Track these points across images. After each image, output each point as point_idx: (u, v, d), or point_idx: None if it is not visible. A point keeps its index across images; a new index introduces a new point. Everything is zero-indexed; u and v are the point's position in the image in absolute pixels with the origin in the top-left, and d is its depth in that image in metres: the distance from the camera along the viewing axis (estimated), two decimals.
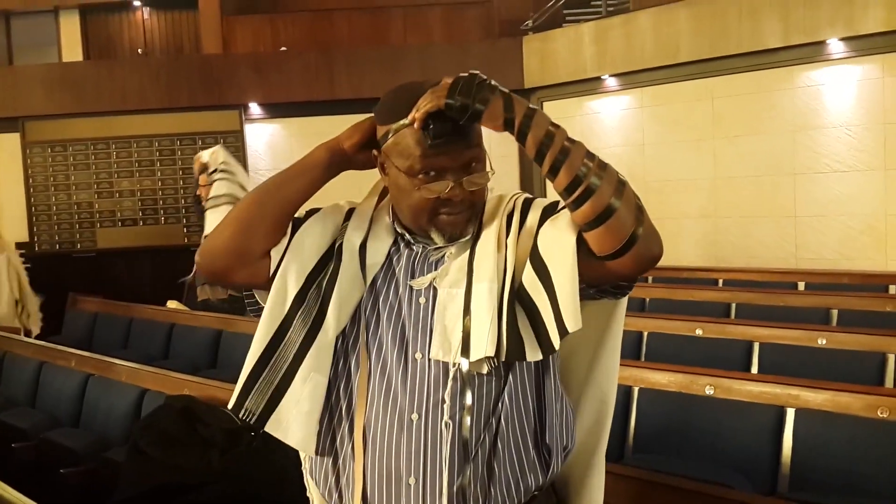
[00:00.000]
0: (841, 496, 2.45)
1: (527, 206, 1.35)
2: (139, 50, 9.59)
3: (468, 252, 1.32)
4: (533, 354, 1.25)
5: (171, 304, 5.63)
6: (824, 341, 3.48)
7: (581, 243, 1.21)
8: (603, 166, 1.20)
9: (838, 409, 2.57)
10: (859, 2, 5.87)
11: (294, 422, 1.32)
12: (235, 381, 3.64)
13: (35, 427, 3.71)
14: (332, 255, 1.36)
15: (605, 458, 1.48)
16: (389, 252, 1.38)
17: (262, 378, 1.33)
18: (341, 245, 1.36)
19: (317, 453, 1.37)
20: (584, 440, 1.45)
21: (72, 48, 9.35)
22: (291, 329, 1.33)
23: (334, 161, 1.38)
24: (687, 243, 7.00)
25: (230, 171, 5.53)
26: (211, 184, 5.49)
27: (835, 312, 4.40)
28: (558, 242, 1.23)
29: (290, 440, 1.32)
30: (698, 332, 3.86)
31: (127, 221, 7.70)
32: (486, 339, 1.24)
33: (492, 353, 1.24)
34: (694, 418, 2.81)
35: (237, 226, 1.35)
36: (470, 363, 1.25)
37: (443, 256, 1.34)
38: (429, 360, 1.28)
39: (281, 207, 1.36)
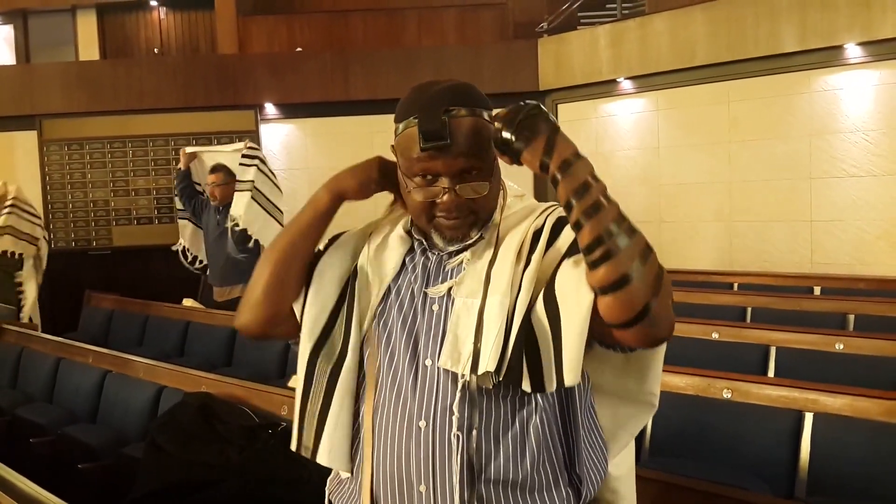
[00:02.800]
0: (859, 501, 2.45)
1: (560, 226, 1.31)
2: (155, 49, 9.64)
3: (487, 261, 1.31)
4: (526, 386, 1.24)
5: (187, 302, 5.66)
6: (842, 346, 3.47)
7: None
8: (632, 232, 1.16)
9: (857, 413, 2.56)
10: (877, 6, 5.84)
11: (338, 446, 1.35)
12: (252, 380, 3.65)
13: (52, 422, 3.74)
14: (347, 290, 1.39)
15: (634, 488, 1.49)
16: (404, 260, 1.39)
17: (307, 412, 1.37)
18: (356, 267, 1.40)
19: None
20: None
21: (88, 47, 9.41)
22: (319, 359, 1.37)
23: (337, 204, 1.41)
24: (701, 247, 6.98)
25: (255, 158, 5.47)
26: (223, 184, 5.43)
27: (851, 317, 4.38)
28: (575, 292, 1.20)
29: (342, 466, 1.35)
30: (714, 335, 3.85)
31: (143, 220, 7.73)
32: (489, 354, 1.23)
33: (492, 369, 1.23)
34: (711, 422, 2.81)
35: (260, 298, 1.40)
36: (477, 376, 1.25)
37: (460, 264, 1.34)
38: (438, 367, 1.29)
39: (295, 268, 1.40)
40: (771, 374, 3.58)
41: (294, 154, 8.08)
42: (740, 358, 3.65)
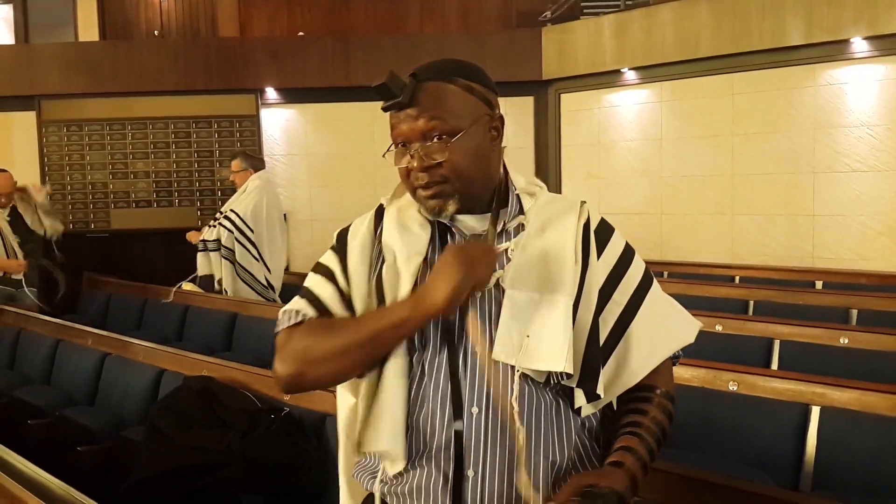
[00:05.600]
0: (865, 496, 2.43)
1: (606, 231, 1.39)
2: (156, 32, 9.56)
3: (537, 252, 1.32)
4: (600, 390, 1.32)
5: (186, 286, 5.62)
6: (846, 340, 3.46)
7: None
8: (658, 447, 1.34)
9: (864, 408, 2.55)
10: (883, 1, 5.81)
11: (394, 430, 1.32)
12: (251, 364, 3.61)
13: (50, 404, 3.72)
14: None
15: None
16: (430, 245, 1.36)
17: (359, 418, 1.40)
18: (381, 258, 1.37)
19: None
20: None
21: (88, 28, 9.31)
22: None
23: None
24: (703, 240, 6.96)
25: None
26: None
27: (854, 312, 4.37)
28: (651, 344, 1.37)
29: (394, 447, 1.32)
30: (718, 327, 3.83)
31: (141, 203, 7.69)
32: (564, 354, 1.25)
33: (570, 371, 1.26)
34: (717, 414, 2.79)
35: (322, 378, 1.36)
36: (535, 371, 1.26)
37: (503, 252, 1.33)
38: (489, 355, 1.28)
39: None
40: (774, 366, 3.57)
41: (294, 139, 8.04)
42: (744, 350, 3.64)
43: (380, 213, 1.42)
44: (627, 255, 1.39)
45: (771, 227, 6.61)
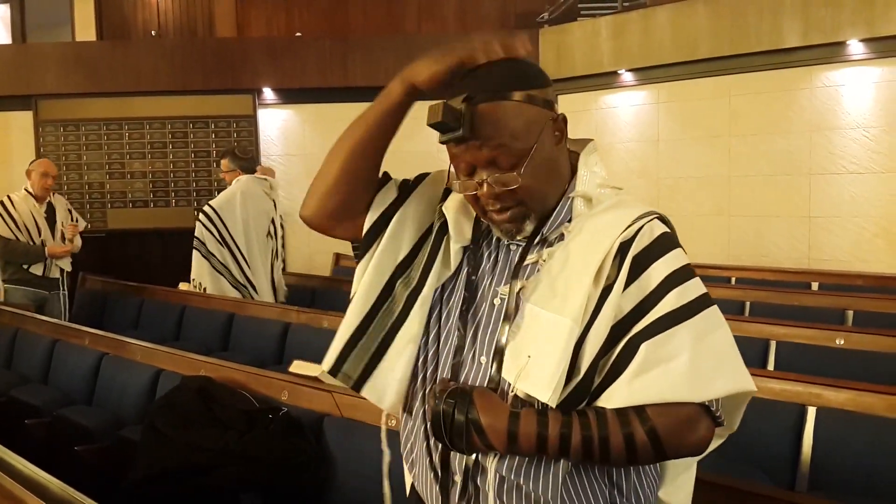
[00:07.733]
0: (861, 496, 2.44)
1: (653, 253, 1.18)
2: (153, 32, 9.55)
3: (560, 264, 1.22)
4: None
5: (184, 286, 5.62)
6: (842, 341, 3.47)
7: None
8: (604, 447, 1.14)
9: (861, 409, 2.56)
10: (881, 3, 5.83)
11: (388, 388, 1.33)
12: (250, 364, 3.60)
13: (48, 404, 3.70)
14: (430, 233, 1.36)
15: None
16: (472, 243, 1.35)
17: (359, 344, 1.33)
18: (444, 223, 1.35)
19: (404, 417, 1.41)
20: None
21: (86, 27, 9.30)
22: (391, 299, 1.34)
23: (411, 95, 1.30)
24: (699, 241, 6.98)
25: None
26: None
27: (850, 313, 4.38)
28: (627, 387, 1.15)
29: (384, 405, 1.34)
30: None
31: (138, 203, 7.69)
32: (552, 385, 1.14)
33: (552, 403, 1.16)
34: None
35: (330, 188, 1.35)
36: (525, 394, 1.19)
37: (534, 263, 1.26)
38: (491, 367, 1.24)
39: (369, 163, 1.34)
40: (771, 367, 3.58)
41: (291, 140, 8.04)
42: (740, 351, 3.63)
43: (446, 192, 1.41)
44: (671, 282, 1.16)
45: (767, 228, 6.63)
